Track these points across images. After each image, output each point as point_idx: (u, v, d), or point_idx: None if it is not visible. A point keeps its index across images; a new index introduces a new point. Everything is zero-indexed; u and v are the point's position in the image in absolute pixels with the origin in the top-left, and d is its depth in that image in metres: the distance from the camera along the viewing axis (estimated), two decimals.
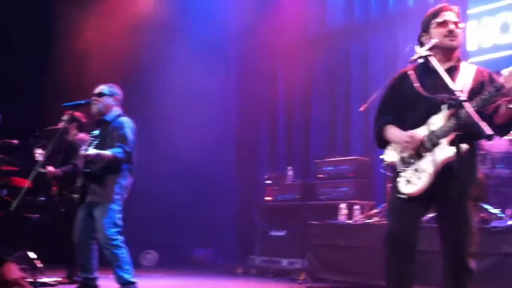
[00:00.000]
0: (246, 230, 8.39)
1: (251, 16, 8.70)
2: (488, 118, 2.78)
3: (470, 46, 6.95)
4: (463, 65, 3.04)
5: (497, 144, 5.20)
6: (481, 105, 2.73)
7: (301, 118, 8.84)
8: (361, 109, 5.83)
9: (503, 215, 4.92)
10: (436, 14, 3.05)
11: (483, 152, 5.30)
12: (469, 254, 2.80)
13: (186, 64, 8.39)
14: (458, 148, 2.77)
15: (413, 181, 2.89)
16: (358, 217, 5.97)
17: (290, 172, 7.51)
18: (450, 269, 2.81)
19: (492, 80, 2.87)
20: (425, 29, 3.10)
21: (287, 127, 9.00)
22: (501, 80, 2.69)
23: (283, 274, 6.73)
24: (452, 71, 2.98)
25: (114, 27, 8.21)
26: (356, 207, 6.08)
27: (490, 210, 5.01)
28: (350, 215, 6.08)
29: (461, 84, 2.89)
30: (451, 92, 2.73)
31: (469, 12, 7.06)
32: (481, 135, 2.55)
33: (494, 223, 4.71)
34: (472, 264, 2.81)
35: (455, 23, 3.02)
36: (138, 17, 8.29)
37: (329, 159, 7.12)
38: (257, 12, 8.68)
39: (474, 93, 2.85)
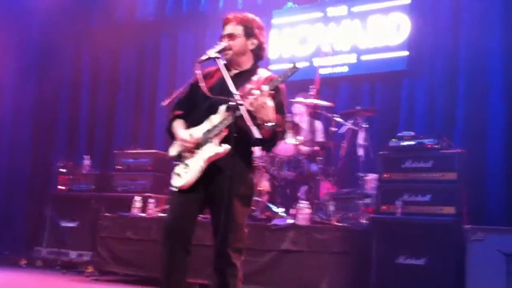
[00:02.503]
0: (35, 220, 7.92)
1: None
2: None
3: (272, 54, 7.37)
4: (260, 71, 3.18)
5: (284, 148, 5.57)
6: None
7: (105, 107, 8.64)
8: (164, 103, 5.90)
9: (285, 215, 5.29)
10: (222, 26, 3.18)
11: (272, 154, 5.66)
12: (234, 250, 2.91)
13: None
14: (229, 147, 2.89)
15: (182, 175, 2.99)
16: (151, 210, 5.98)
17: (86, 162, 7.27)
18: (216, 263, 2.93)
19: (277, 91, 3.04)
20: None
21: (90, 116, 8.71)
22: (246, 104, 2.81)
23: (71, 267, 6.50)
24: (244, 75, 3.12)
25: None
26: (151, 200, 6.09)
27: (273, 209, 5.36)
28: (144, 208, 6.06)
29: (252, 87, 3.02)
30: (231, 94, 2.85)
31: (273, 21, 7.49)
32: (252, 138, 2.69)
33: (275, 221, 5.04)
34: (237, 259, 2.93)
35: (229, 36, 3.12)
36: None
37: (129, 151, 7.04)
38: None
39: None
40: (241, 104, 2.79)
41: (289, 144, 5.57)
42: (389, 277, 4.73)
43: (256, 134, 2.66)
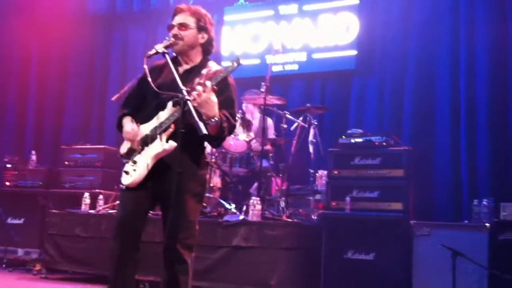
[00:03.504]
0: None
1: None
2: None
3: (224, 51, 7.38)
4: (210, 64, 3.16)
5: (236, 145, 5.59)
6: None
7: (54, 101, 8.46)
8: (113, 98, 5.82)
9: (236, 211, 5.31)
10: (172, 17, 3.15)
11: (223, 151, 5.67)
12: (184, 247, 2.90)
13: None
14: (176, 143, 2.87)
15: (131, 172, 2.97)
16: (101, 207, 5.89)
17: (33, 157, 7.10)
18: (166, 259, 2.92)
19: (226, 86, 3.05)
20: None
21: (38, 110, 8.50)
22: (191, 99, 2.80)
23: (18, 264, 6.34)
24: (194, 71, 3.11)
25: None
26: (100, 197, 6.00)
27: (225, 206, 5.37)
28: (93, 205, 5.97)
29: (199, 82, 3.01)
30: (179, 90, 2.84)
31: (225, 18, 7.49)
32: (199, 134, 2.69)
33: (226, 217, 5.06)
34: (188, 256, 2.93)
35: (180, 25, 3.08)
36: None
37: (77, 147, 6.91)
38: None
39: None
40: (187, 100, 2.78)
41: (241, 140, 5.59)
42: (338, 271, 4.82)
43: (203, 130, 2.66)
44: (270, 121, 6.31)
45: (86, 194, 5.98)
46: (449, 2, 6.19)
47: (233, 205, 5.42)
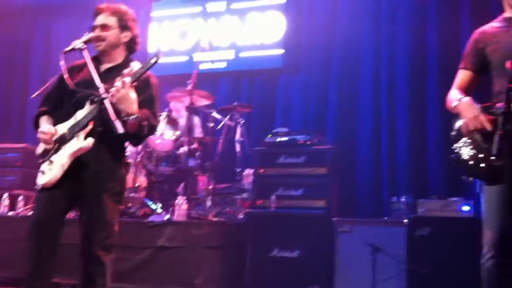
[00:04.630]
0: None
1: None
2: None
3: (151, 48, 7.27)
4: (133, 64, 3.10)
5: (162, 144, 5.53)
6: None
7: None
8: (34, 96, 5.62)
9: (162, 210, 5.25)
10: (94, 16, 3.10)
11: (149, 150, 5.60)
12: (102, 248, 2.85)
13: None
14: (92, 140, 2.82)
15: (46, 172, 2.90)
16: (21, 208, 5.68)
17: None
18: (83, 261, 2.87)
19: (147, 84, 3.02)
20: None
21: None
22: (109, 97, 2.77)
23: None
24: (116, 69, 3.04)
25: None
26: (20, 198, 5.78)
27: (151, 205, 5.31)
28: (13, 206, 5.74)
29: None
30: (95, 88, 2.79)
31: (152, 14, 7.38)
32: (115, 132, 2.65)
33: (151, 218, 4.99)
34: (106, 258, 2.88)
35: (102, 26, 3.04)
36: None
37: None
38: None
39: None
40: (104, 98, 2.72)
41: (167, 139, 5.54)
42: (264, 269, 4.86)
43: (119, 128, 2.62)
44: (197, 120, 6.27)
45: (5, 195, 5.76)
46: (371, 2, 6.34)
47: (159, 205, 5.36)
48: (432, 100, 5.82)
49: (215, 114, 5.92)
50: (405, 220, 4.54)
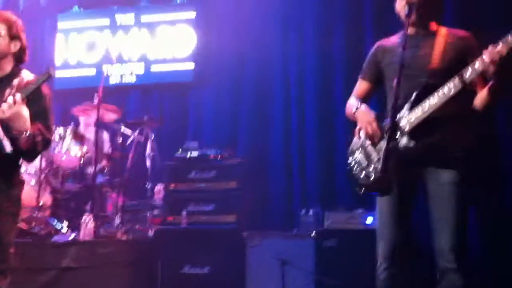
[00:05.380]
0: None
1: None
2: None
3: (57, 60, 7.03)
4: (24, 74, 2.98)
5: (68, 160, 5.36)
6: None
7: None
8: None
9: (67, 229, 5.07)
10: None
11: (55, 166, 5.40)
12: None
13: None
14: None
15: None
16: None
17: None
18: None
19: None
20: None
21: None
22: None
23: None
24: (5, 81, 2.90)
25: None
26: None
27: (55, 225, 5.11)
28: None
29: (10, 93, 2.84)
30: None
31: (58, 26, 7.14)
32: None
33: (56, 238, 4.81)
34: (1, 282, 2.74)
35: None
36: None
37: None
38: None
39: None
40: None
41: (73, 155, 5.36)
42: (175, 286, 4.79)
43: (6, 148, 2.51)
44: (105, 135, 6.11)
45: None
46: (279, 19, 6.44)
47: (65, 224, 5.17)
48: (340, 113, 5.91)
49: (124, 129, 5.79)
50: (313, 233, 4.62)
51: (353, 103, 2.94)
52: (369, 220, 4.58)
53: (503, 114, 5.05)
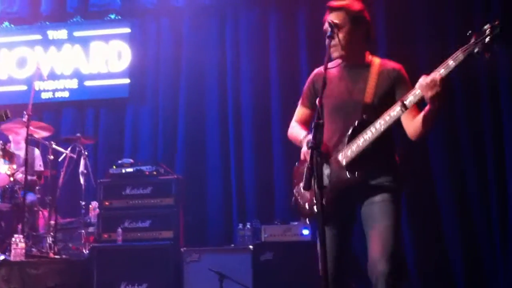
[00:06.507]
0: None
1: None
2: None
3: None
4: None
5: None
6: None
7: None
8: None
9: None
10: None
11: None
12: None
13: None
14: None
15: None
16: None
17: None
18: None
19: None
20: None
21: None
22: None
23: None
24: None
25: None
26: None
27: None
28: None
29: None
30: None
31: None
32: None
33: None
34: None
35: None
36: None
37: None
38: None
39: None
40: None
41: (2, 173, 5.18)
42: None
43: None
44: (37, 152, 5.93)
45: None
46: (215, 31, 6.49)
47: None
48: (275, 128, 6.04)
49: (55, 146, 5.65)
50: (250, 246, 4.63)
51: (298, 131, 2.94)
52: (305, 232, 4.64)
53: None
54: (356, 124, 2.70)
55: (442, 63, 2.47)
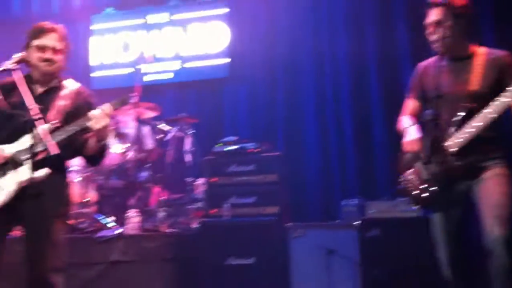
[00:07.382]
0: None
1: None
2: (80, 146, 2.97)
3: (93, 61, 7.17)
4: (68, 83, 3.09)
5: (111, 157, 5.46)
6: (65, 136, 2.85)
7: None
8: None
9: (114, 224, 5.17)
10: (36, 34, 3.02)
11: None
12: (50, 269, 2.82)
13: None
14: (41, 170, 2.81)
15: None
16: None
17: None
18: (31, 284, 2.81)
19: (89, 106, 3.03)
20: (26, 46, 3.04)
21: None
22: (90, 122, 2.84)
23: None
24: (53, 92, 3.02)
25: None
26: None
27: (101, 220, 5.22)
28: None
29: (62, 104, 2.97)
30: (28, 110, 2.78)
31: (92, 27, 7.27)
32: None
33: (102, 233, 4.91)
34: (55, 279, 2.84)
35: (54, 49, 3.01)
36: None
37: None
38: None
39: (69, 115, 2.96)
40: (37, 120, 2.74)
41: (115, 152, 5.47)
42: (219, 278, 4.85)
43: (53, 150, 2.66)
44: (146, 131, 6.20)
45: None
46: (311, 16, 6.47)
47: (111, 219, 5.27)
48: (375, 99, 6.00)
49: (163, 126, 5.89)
50: (356, 222, 4.64)
51: (406, 121, 3.12)
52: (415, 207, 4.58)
53: None
54: (463, 113, 2.74)
55: None
